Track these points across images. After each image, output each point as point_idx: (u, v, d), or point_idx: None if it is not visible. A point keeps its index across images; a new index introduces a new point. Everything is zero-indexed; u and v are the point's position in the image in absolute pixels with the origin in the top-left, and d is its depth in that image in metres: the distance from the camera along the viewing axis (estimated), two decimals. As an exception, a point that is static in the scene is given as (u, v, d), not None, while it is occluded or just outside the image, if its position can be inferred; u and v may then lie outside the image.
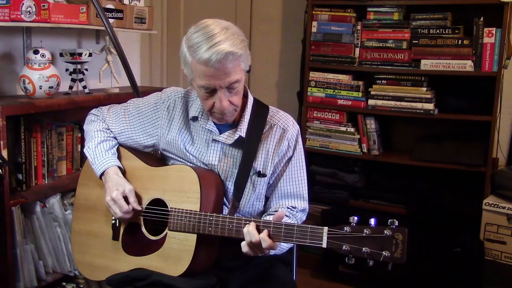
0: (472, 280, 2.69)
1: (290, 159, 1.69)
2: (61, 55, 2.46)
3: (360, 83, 3.12)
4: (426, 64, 2.91)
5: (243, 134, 1.64)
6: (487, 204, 2.72)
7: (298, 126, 1.73)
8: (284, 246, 1.67)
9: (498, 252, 2.71)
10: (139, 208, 1.65)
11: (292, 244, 1.69)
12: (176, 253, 1.57)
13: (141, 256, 1.63)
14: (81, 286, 2.48)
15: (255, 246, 1.46)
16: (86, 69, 2.55)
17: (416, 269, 2.77)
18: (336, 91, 3.17)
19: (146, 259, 1.62)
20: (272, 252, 1.53)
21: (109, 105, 1.88)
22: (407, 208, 3.06)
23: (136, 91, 2.20)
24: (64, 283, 2.43)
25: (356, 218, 1.38)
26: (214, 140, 1.67)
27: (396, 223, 1.35)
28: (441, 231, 2.88)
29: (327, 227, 1.40)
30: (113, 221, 1.71)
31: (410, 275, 2.78)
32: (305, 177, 1.73)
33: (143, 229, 1.66)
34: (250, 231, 1.46)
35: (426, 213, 2.96)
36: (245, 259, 1.64)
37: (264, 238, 1.44)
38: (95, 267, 1.74)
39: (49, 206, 2.30)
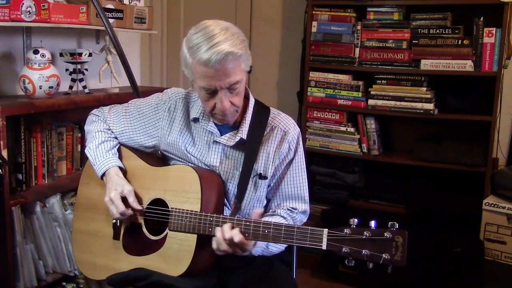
0: (472, 280, 2.69)
1: (291, 161, 1.69)
2: (61, 55, 2.46)
3: (360, 83, 3.12)
4: (426, 64, 2.91)
5: (244, 136, 1.64)
6: (487, 204, 2.72)
7: (298, 129, 1.73)
8: (273, 249, 1.67)
9: (498, 252, 2.71)
10: (139, 207, 1.64)
11: (286, 245, 1.69)
12: (176, 253, 1.57)
13: (141, 256, 1.63)
14: (81, 286, 2.47)
15: (230, 243, 1.47)
16: (86, 69, 2.55)
17: (416, 269, 2.77)
18: (336, 91, 3.17)
19: (146, 259, 1.62)
20: (254, 252, 1.56)
21: (110, 106, 1.88)
22: (407, 208, 3.06)
23: (136, 91, 2.20)
24: (64, 283, 2.43)
25: (356, 220, 1.38)
26: (215, 142, 1.67)
27: (397, 225, 1.34)
28: (441, 231, 2.88)
29: (327, 229, 1.39)
30: (114, 221, 1.71)
31: (410, 275, 2.78)
32: (306, 179, 1.74)
33: (144, 229, 1.66)
34: (223, 228, 1.48)
35: (426, 213, 2.96)
36: (245, 260, 1.65)
37: (235, 233, 1.46)
38: (95, 266, 1.74)
39: (49, 206, 2.30)
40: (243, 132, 1.64)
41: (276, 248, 1.67)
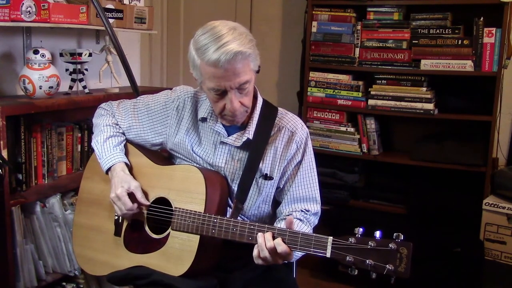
0: (472, 280, 2.69)
1: (300, 163, 1.68)
2: (61, 55, 2.46)
3: (360, 83, 3.12)
4: (426, 64, 2.91)
5: (251, 136, 1.63)
6: (487, 204, 2.72)
7: (307, 129, 1.72)
8: (298, 254, 1.63)
9: (498, 252, 2.71)
10: (147, 203, 1.64)
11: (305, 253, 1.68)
12: (178, 253, 1.56)
13: (142, 254, 1.63)
14: (81, 286, 2.47)
15: (270, 252, 1.43)
16: (86, 69, 2.54)
17: (416, 269, 2.76)
18: (336, 91, 3.17)
19: (147, 257, 1.61)
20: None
21: (119, 100, 1.87)
22: (407, 208, 3.06)
23: (136, 91, 2.20)
24: (64, 283, 2.42)
25: (361, 229, 1.37)
26: (222, 142, 1.66)
27: (402, 237, 1.34)
28: (441, 231, 2.88)
29: (331, 237, 1.38)
30: (116, 217, 1.70)
31: (410, 275, 2.78)
32: (317, 180, 1.72)
33: (146, 227, 1.66)
34: (266, 237, 1.44)
35: (426, 213, 2.96)
36: (245, 261, 1.64)
37: (278, 242, 1.42)
38: (95, 262, 1.73)
39: (49, 206, 2.30)
40: (250, 133, 1.63)
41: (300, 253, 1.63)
